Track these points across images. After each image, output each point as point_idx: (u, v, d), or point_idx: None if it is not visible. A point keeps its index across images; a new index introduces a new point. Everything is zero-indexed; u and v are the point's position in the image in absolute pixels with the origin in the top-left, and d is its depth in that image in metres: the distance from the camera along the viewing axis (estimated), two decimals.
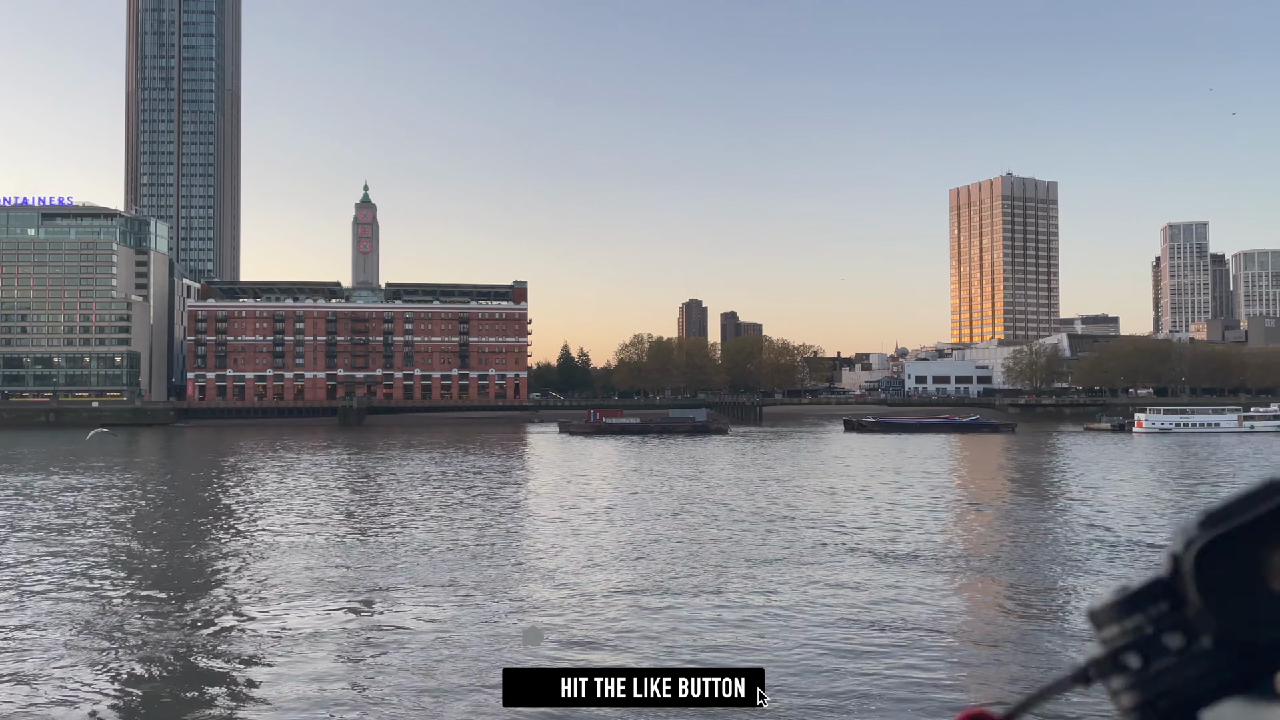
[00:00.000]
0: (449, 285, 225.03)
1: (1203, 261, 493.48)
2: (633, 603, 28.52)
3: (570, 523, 46.20)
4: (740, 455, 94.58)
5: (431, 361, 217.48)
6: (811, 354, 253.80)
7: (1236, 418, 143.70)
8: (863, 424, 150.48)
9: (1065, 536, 42.01)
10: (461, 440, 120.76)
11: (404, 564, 35.08)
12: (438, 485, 64.52)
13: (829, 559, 36.00)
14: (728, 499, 56.03)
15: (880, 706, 19.34)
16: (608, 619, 26.55)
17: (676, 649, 23.49)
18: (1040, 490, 62.50)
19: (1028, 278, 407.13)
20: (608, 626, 25.77)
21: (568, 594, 29.89)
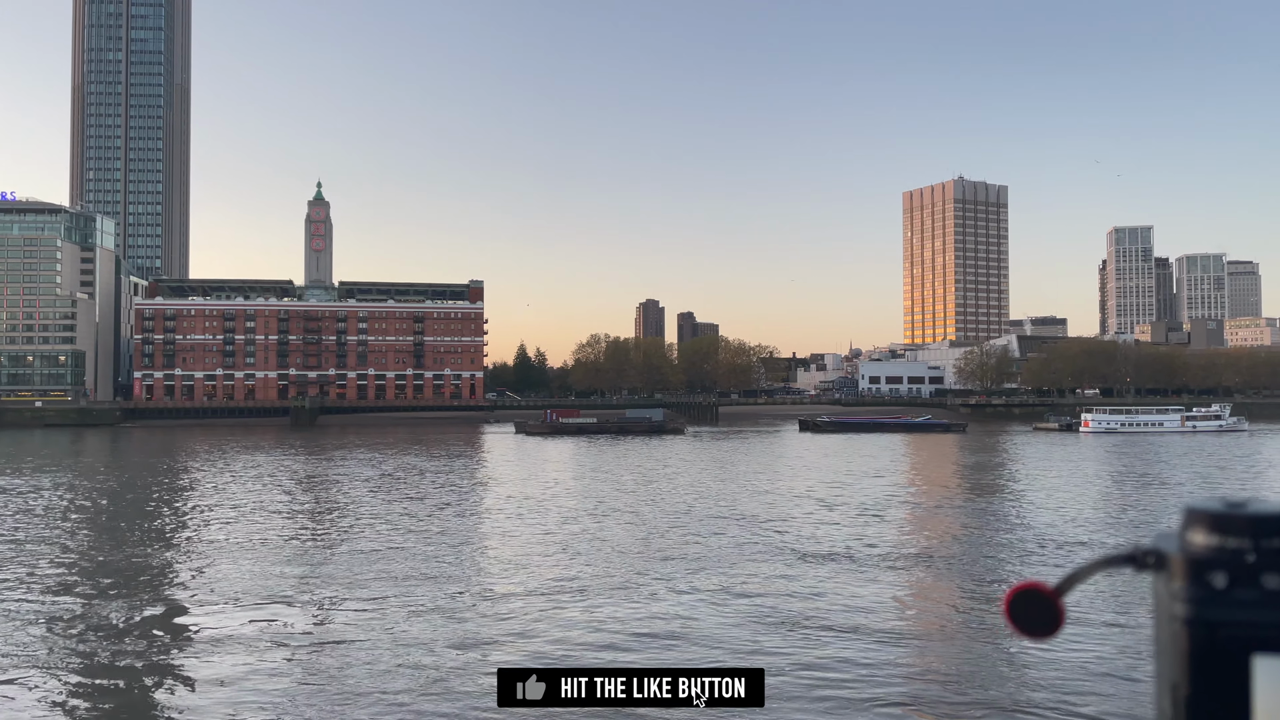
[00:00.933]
0: (404, 284, 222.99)
1: (1147, 265, 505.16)
2: (571, 602, 28.58)
3: (520, 523, 46.10)
4: (696, 455, 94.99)
5: (386, 361, 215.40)
6: (767, 354, 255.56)
7: (1179, 418, 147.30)
8: (817, 424, 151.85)
9: (1011, 534, 42.82)
10: (416, 441, 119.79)
11: (352, 566, 34.75)
12: (390, 486, 63.96)
13: (773, 558, 36.35)
14: (679, 498, 56.28)
15: (808, 706, 19.62)
16: (551, 618, 26.58)
17: (628, 648, 23.60)
18: (989, 489, 63.57)
19: (979, 280, 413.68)
20: (553, 625, 25.81)
21: (513, 595, 29.85)
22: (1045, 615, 1.08)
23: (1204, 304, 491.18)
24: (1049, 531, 43.02)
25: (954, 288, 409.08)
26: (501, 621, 26.36)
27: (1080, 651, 23.44)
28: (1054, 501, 54.53)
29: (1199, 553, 1.02)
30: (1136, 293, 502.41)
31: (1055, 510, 50.46)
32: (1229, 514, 1.04)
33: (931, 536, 42.26)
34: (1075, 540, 40.58)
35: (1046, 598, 1.08)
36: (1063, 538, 41.20)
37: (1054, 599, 1.09)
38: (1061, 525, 44.87)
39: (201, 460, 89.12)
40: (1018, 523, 46.13)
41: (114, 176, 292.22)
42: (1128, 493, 60.33)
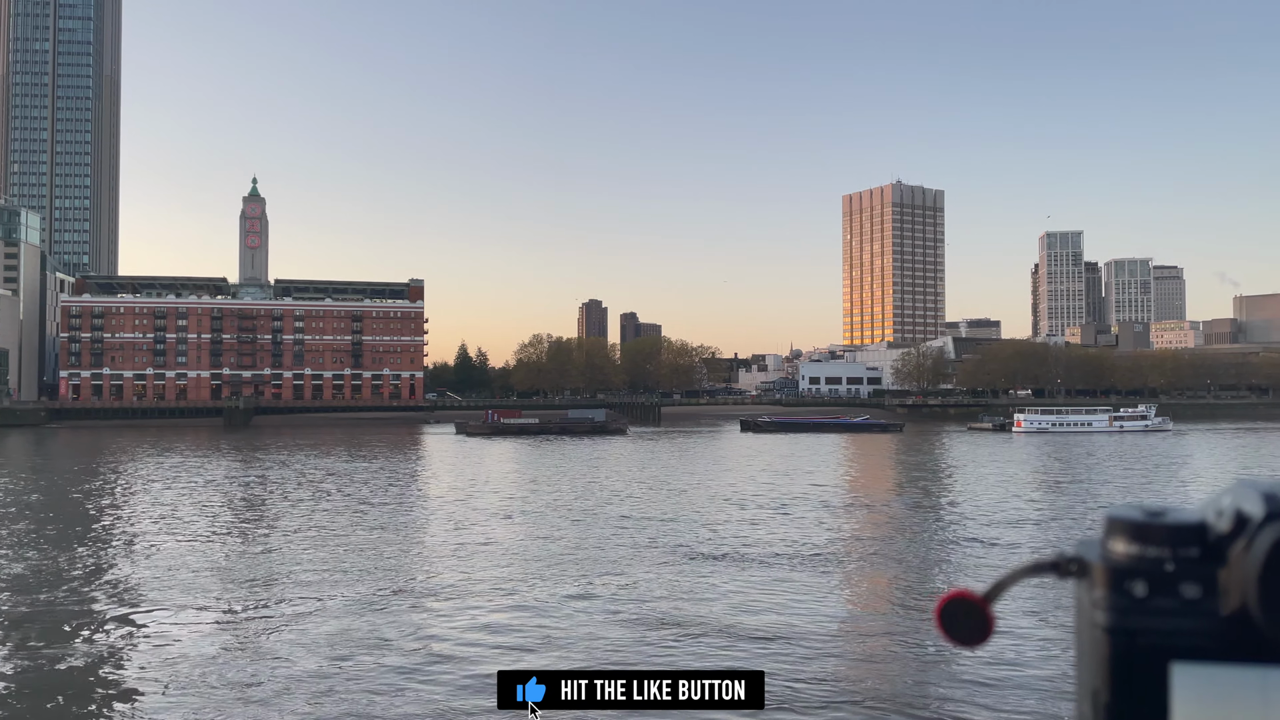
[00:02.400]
0: (342, 283, 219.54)
1: (1077, 269, 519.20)
2: (504, 602, 28.42)
3: (453, 526, 45.73)
4: (637, 456, 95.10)
5: (323, 361, 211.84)
6: (709, 355, 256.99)
7: (1107, 418, 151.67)
8: (758, 424, 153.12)
9: (943, 534, 43.64)
10: (353, 442, 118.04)
11: (278, 571, 34.14)
12: (324, 489, 62.91)
13: (696, 560, 36.55)
14: (616, 500, 56.30)
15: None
16: (461, 619, 26.41)
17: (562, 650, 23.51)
18: (924, 489, 64.68)
19: (916, 282, 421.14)
20: (482, 626, 25.62)
21: (443, 598, 29.58)
22: (975, 623, 1.10)
23: (1131, 307, 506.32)
24: (981, 532, 43.94)
25: (892, 290, 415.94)
26: (425, 626, 26.09)
27: (1006, 653, 23.94)
28: (986, 501, 55.68)
29: (1119, 561, 1.04)
30: (1067, 296, 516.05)
31: (987, 510, 51.54)
32: (1148, 523, 1.06)
33: (863, 537, 42.85)
34: (1007, 541, 41.49)
35: (976, 605, 1.09)
36: (994, 538, 42.10)
37: (983, 607, 1.10)
38: (993, 525, 45.84)
39: (128, 462, 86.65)
40: (951, 522, 47.02)
41: (40, 170, 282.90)
42: (1057, 492, 61.88)
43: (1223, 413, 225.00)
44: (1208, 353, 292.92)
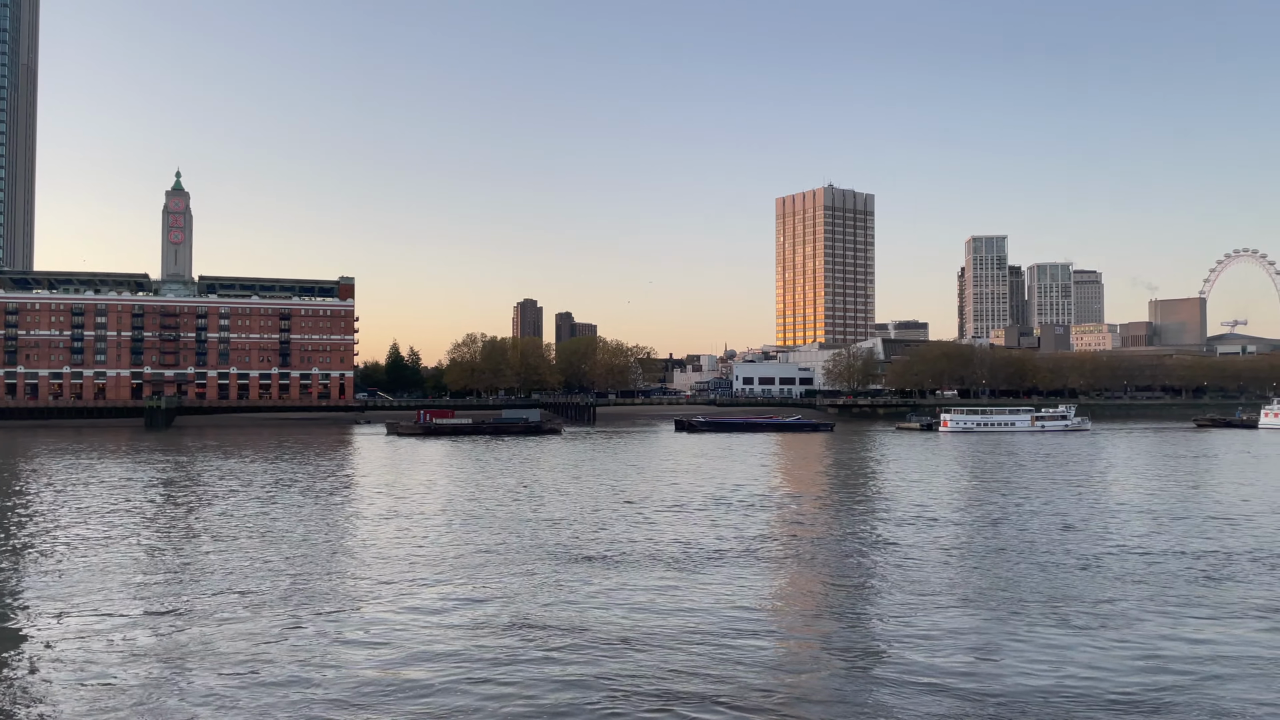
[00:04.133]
0: (269, 280, 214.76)
1: (1002, 273, 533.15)
2: (417, 607, 28.23)
3: (377, 529, 45.28)
4: (571, 456, 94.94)
5: (249, 360, 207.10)
6: (645, 355, 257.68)
7: (1029, 418, 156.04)
8: (693, 424, 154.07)
9: (861, 532, 44.47)
10: (280, 442, 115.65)
11: (200, 577, 33.39)
12: (247, 492, 61.58)
13: (622, 561, 36.73)
14: (542, 501, 56.19)
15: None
16: (386, 625, 26.20)
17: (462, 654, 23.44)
18: (849, 488, 65.77)
19: (847, 284, 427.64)
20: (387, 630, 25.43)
21: (335, 603, 29.25)
22: None
23: (1053, 310, 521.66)
24: (895, 533, 44.87)
25: (824, 291, 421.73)
26: (295, 634, 25.81)
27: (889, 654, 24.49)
28: (908, 501, 56.87)
29: None
30: (992, 299, 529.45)
31: (907, 510, 52.66)
32: None
33: (782, 538, 43.45)
34: (922, 541, 42.39)
35: None
36: (909, 539, 43.02)
37: None
38: (908, 525, 46.88)
39: (41, 464, 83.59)
40: (871, 523, 47.95)
41: None
42: (976, 492, 63.43)
43: (1138, 413, 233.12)
44: (1124, 355, 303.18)
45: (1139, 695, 20.44)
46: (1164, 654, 23.47)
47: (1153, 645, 24.27)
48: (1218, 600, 29.35)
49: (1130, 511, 50.58)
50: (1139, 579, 32.45)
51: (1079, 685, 21.11)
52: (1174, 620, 26.78)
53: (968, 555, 37.24)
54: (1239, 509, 51.87)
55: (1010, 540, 40.82)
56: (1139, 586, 31.28)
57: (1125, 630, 25.68)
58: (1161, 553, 37.50)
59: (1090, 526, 44.99)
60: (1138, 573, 33.55)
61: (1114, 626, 26.06)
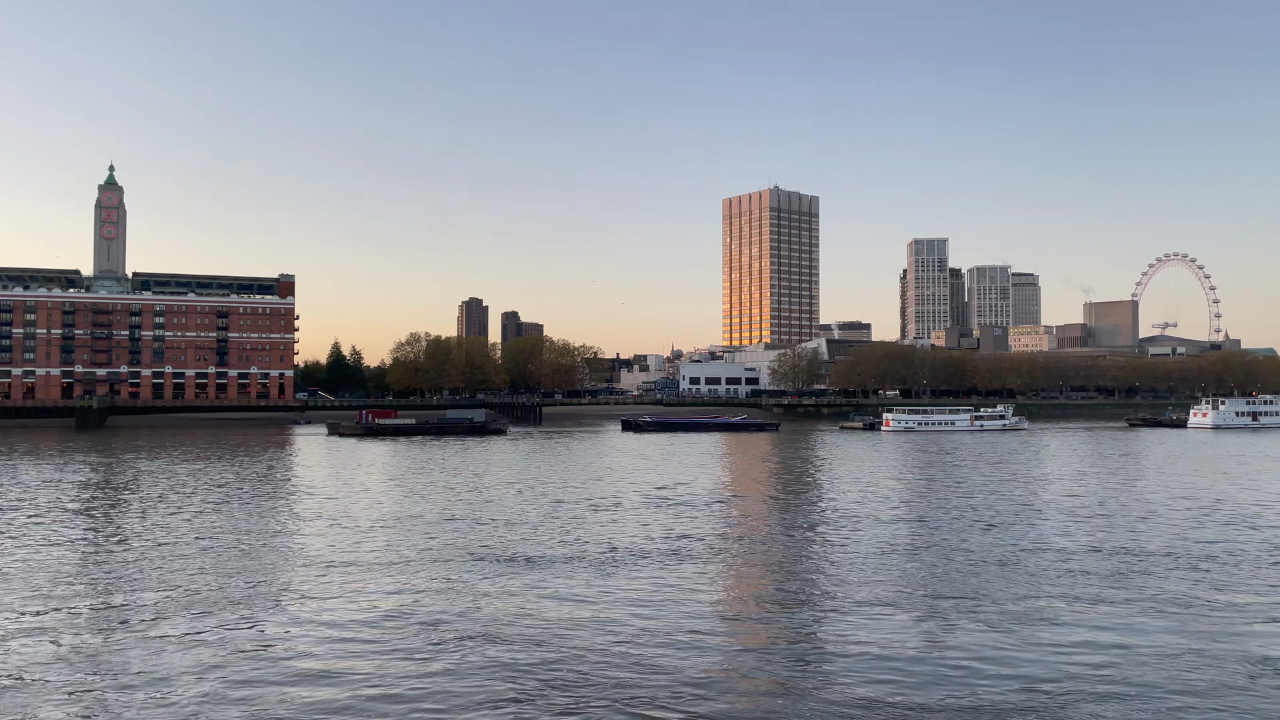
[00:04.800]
0: (206, 277, 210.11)
1: (943, 275, 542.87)
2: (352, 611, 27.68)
3: (304, 530, 44.44)
4: (515, 456, 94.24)
5: (185, 358, 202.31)
6: (592, 355, 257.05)
7: (969, 418, 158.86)
8: (639, 424, 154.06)
9: (801, 532, 44.72)
10: (217, 443, 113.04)
11: (113, 583, 32.40)
12: (178, 494, 59.98)
13: (586, 559, 36.48)
14: (483, 501, 55.65)
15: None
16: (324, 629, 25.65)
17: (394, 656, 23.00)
18: (792, 487, 66.21)
19: (792, 285, 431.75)
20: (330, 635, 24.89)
21: (250, 609, 28.60)
22: None
23: (991, 312, 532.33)
24: (834, 533, 45.21)
25: (769, 292, 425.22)
26: (256, 642, 25.17)
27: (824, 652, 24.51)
28: (848, 500, 57.40)
29: None
30: (933, 300, 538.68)
31: (847, 509, 53.12)
32: None
33: (722, 535, 43.54)
34: (861, 540, 42.74)
35: None
36: (846, 539, 43.36)
37: None
38: (848, 524, 47.28)
39: None
40: (812, 522, 48.27)
41: None
42: (915, 491, 64.23)
43: (1073, 412, 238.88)
44: (1060, 356, 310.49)
45: (1046, 692, 20.59)
46: (1071, 651, 23.67)
47: (1060, 642, 24.47)
48: (1128, 596, 29.79)
49: (1055, 510, 51.48)
50: (1054, 576, 32.87)
51: (988, 684, 21.23)
52: (1084, 617, 27.10)
53: (894, 554, 37.58)
54: (1160, 506, 53.16)
55: (938, 538, 41.34)
56: (1053, 583, 31.67)
57: (1035, 627, 25.89)
58: (1079, 550, 38.07)
59: (1016, 524, 45.68)
60: (1053, 569, 34.05)
61: (1026, 624, 26.28)
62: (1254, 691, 20.67)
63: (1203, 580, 32.23)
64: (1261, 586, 31.37)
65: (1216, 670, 22.08)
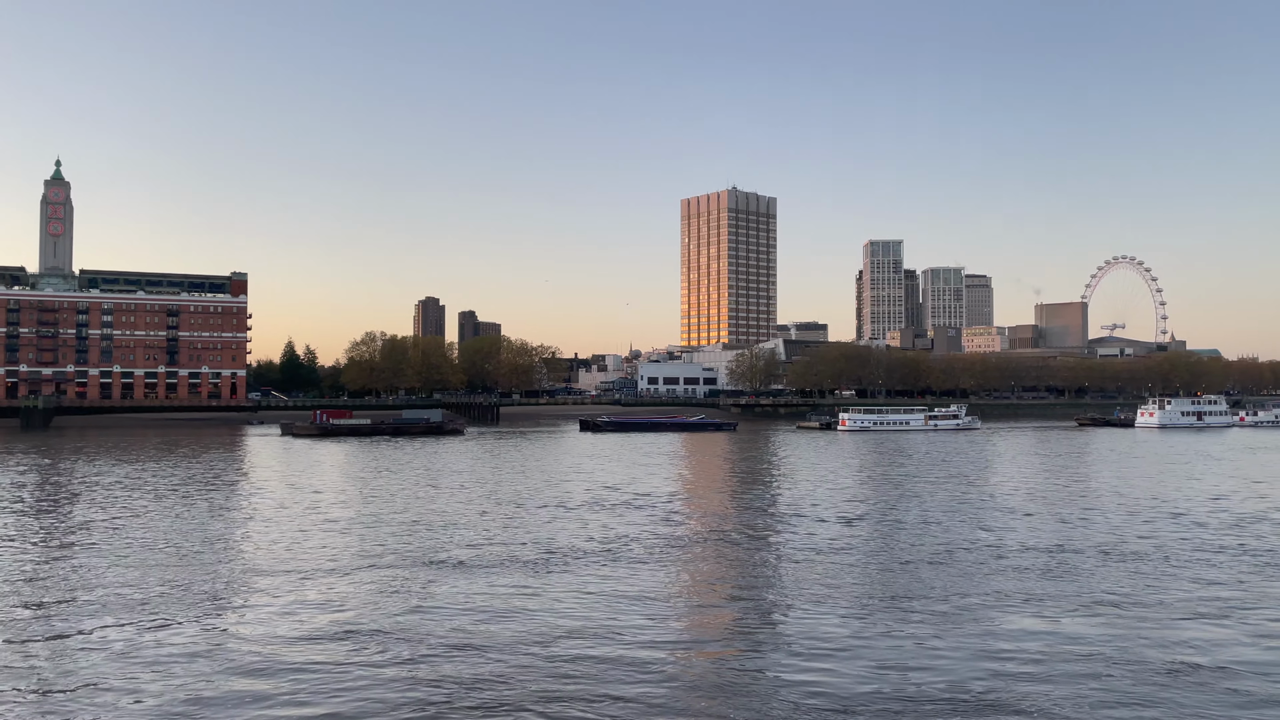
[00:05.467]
0: (156, 274, 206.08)
1: (898, 276, 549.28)
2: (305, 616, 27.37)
3: (252, 533, 43.80)
4: (472, 457, 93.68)
5: (134, 358, 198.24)
6: (550, 355, 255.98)
7: (923, 417, 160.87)
8: (597, 424, 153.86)
9: (754, 528, 45.01)
10: (166, 444, 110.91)
11: (45, 586, 31.68)
12: (123, 495, 58.78)
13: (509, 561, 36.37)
14: (436, 504, 55.29)
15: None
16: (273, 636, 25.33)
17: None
18: (748, 487, 66.55)
19: (750, 286, 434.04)
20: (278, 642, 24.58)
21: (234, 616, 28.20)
22: None
23: (945, 313, 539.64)
24: (777, 530, 45.55)
25: (727, 293, 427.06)
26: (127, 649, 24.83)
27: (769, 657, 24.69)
28: (800, 497, 57.85)
29: None
30: (888, 301, 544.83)
31: (803, 508, 53.54)
32: None
33: (668, 534, 43.67)
34: (815, 539, 43.13)
35: None
36: (790, 535, 43.72)
37: None
38: (798, 521, 47.67)
39: None
40: (769, 521, 48.60)
41: None
42: (870, 490, 64.91)
43: (1024, 412, 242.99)
44: (1012, 356, 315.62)
45: (972, 690, 20.76)
46: (998, 648, 23.90)
47: (987, 639, 24.75)
48: (1061, 593, 30.22)
49: (997, 509, 52.00)
50: (986, 574, 33.21)
51: (915, 681, 21.40)
52: (1016, 614, 27.39)
53: (837, 553, 37.81)
54: (1100, 505, 54.25)
55: (881, 538, 41.78)
56: (984, 582, 32.02)
57: (966, 625, 26.11)
58: (1015, 548, 38.51)
59: (960, 523, 46.15)
60: (988, 568, 34.49)
61: (956, 621, 26.51)
62: (1175, 688, 20.91)
63: (1132, 577, 32.75)
64: (1187, 583, 31.88)
65: (1138, 668, 22.29)
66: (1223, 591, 30.55)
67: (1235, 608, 28.31)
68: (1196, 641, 24.70)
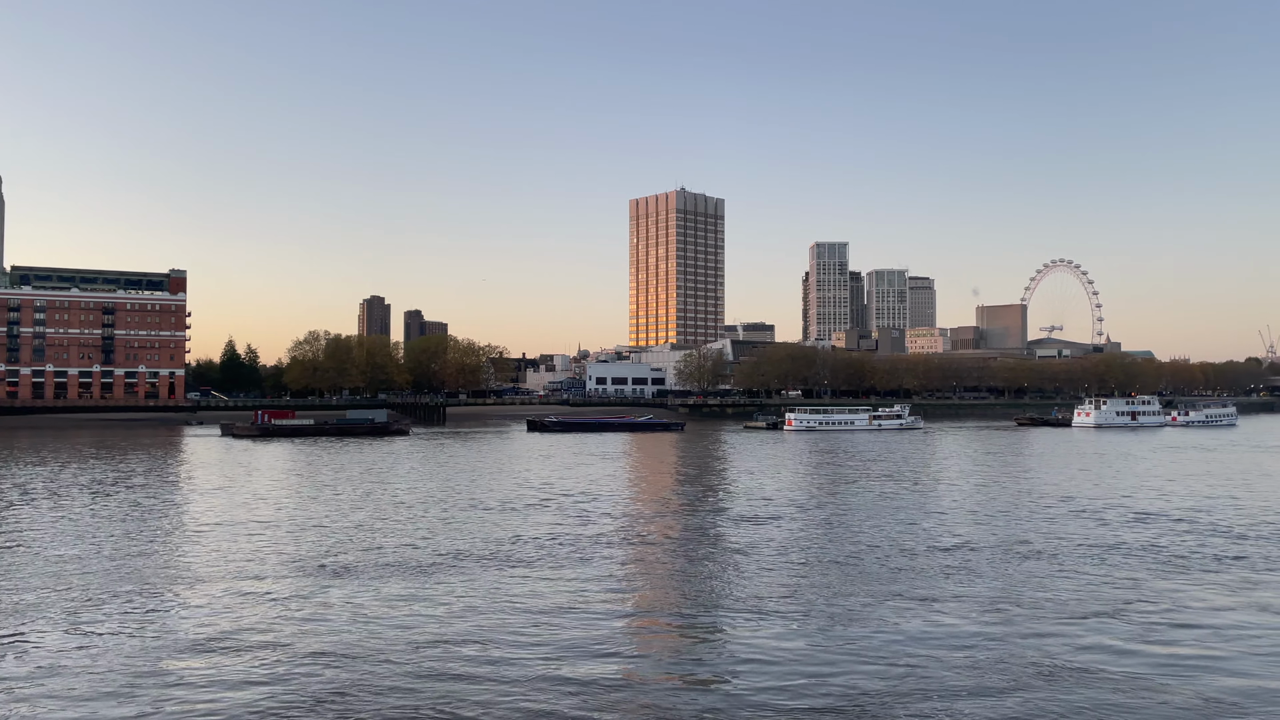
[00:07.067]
0: (91, 271, 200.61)
1: (843, 278, 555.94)
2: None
3: (188, 537, 42.98)
4: (416, 458, 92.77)
5: (68, 357, 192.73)
6: (497, 354, 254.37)
7: (868, 417, 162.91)
8: (545, 424, 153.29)
9: (691, 529, 45.24)
10: (101, 445, 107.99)
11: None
12: (55, 500, 57.15)
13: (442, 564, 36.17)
14: (371, 506, 54.70)
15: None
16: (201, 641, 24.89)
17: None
18: (693, 487, 66.81)
19: (698, 286, 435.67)
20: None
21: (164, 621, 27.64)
22: None
23: (889, 315, 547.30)
24: (727, 531, 45.86)
25: (675, 293, 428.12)
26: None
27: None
28: (749, 497, 58.27)
29: None
30: (834, 303, 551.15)
31: (746, 508, 53.92)
32: None
33: (623, 536, 43.77)
34: (753, 541, 43.44)
35: None
36: (735, 538, 44.02)
37: None
38: (744, 522, 48.03)
39: None
40: (712, 519, 48.86)
41: None
42: (813, 491, 65.61)
43: (966, 412, 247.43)
44: (954, 358, 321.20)
45: (858, 692, 20.77)
46: (879, 648, 24.04)
47: (872, 639, 24.92)
48: (955, 593, 30.49)
49: (923, 510, 52.53)
50: (889, 575, 33.60)
51: (799, 683, 21.39)
52: (910, 615, 27.53)
53: (751, 552, 38.11)
54: (1020, 503, 55.35)
55: (807, 539, 42.19)
56: (890, 581, 32.42)
57: (852, 628, 26.21)
58: (926, 550, 38.80)
59: (885, 523, 46.57)
60: (895, 565, 35.05)
61: (844, 624, 26.54)
62: (1053, 687, 20.96)
63: (1027, 577, 33.02)
64: (1081, 583, 32.14)
65: (1019, 668, 22.39)
66: (1113, 591, 30.75)
67: (1120, 607, 28.51)
68: (1078, 640, 24.72)
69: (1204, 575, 33.48)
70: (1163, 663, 22.91)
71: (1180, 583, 32.18)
